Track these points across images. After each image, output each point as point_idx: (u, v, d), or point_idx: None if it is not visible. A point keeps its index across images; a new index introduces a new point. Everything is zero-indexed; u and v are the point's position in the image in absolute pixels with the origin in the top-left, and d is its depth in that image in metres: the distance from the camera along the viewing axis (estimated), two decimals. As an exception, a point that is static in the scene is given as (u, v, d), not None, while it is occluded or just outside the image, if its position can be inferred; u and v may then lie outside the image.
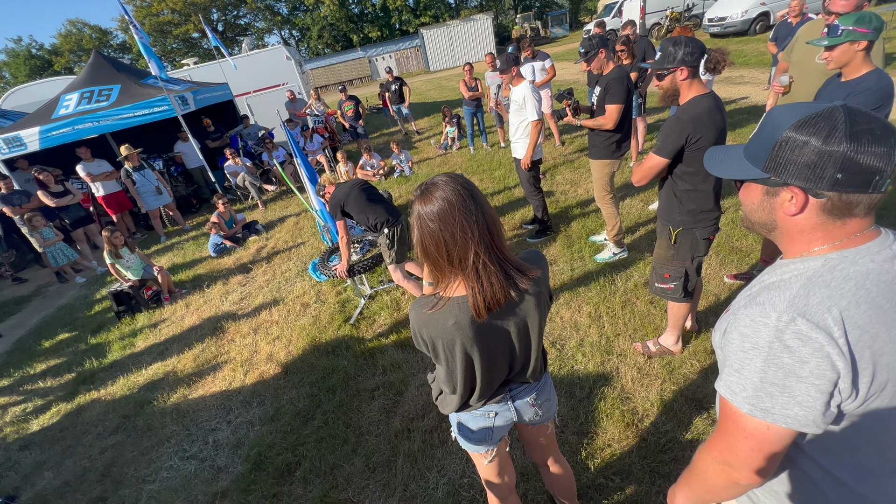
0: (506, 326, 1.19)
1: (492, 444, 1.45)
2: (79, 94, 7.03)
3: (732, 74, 9.54)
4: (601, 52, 3.26)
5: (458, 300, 1.14)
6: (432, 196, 1.08)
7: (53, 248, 5.80)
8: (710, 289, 3.14)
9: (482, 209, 1.09)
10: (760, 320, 0.74)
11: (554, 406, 1.52)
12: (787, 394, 0.71)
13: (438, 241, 1.08)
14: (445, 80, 20.80)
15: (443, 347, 1.19)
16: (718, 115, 2.05)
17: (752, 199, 0.85)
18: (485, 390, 1.29)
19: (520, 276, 1.14)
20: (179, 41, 34.73)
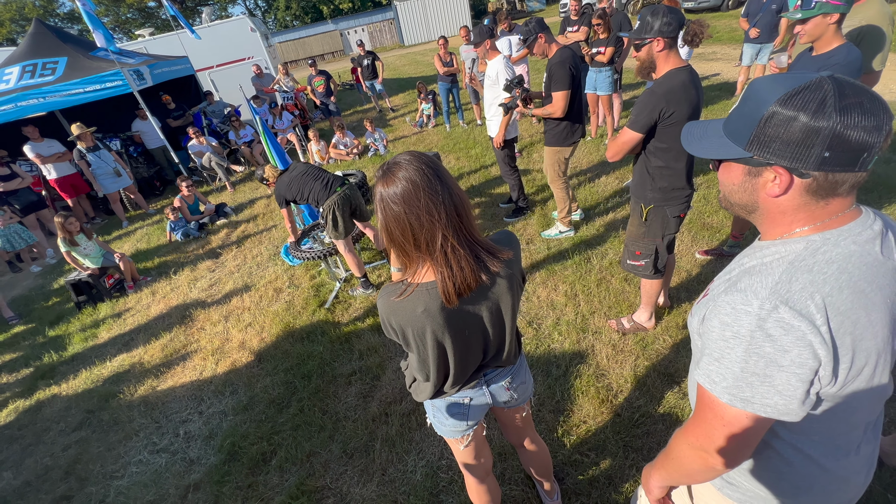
0: (478, 311, 1.15)
1: (467, 429, 1.43)
2: (20, 68, 6.47)
3: (705, 51, 9.60)
4: (540, 36, 3.16)
5: (427, 286, 1.08)
6: (395, 177, 1.01)
7: (8, 230, 5.42)
8: (681, 265, 3.20)
9: (449, 189, 1.02)
10: (742, 308, 0.71)
11: (529, 389, 1.50)
12: (768, 383, 0.69)
13: (403, 224, 1.01)
14: (420, 54, 20.20)
15: (413, 336, 1.14)
16: (693, 90, 2.02)
17: (733, 180, 0.80)
18: (458, 377, 1.26)
19: (491, 259, 1.10)
20: (134, 10, 32.41)
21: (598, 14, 4.96)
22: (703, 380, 0.77)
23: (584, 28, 5.62)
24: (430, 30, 26.74)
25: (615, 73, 5.34)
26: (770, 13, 5.52)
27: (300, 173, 3.39)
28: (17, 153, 6.43)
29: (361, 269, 3.57)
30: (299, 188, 3.34)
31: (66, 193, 6.52)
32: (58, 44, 6.81)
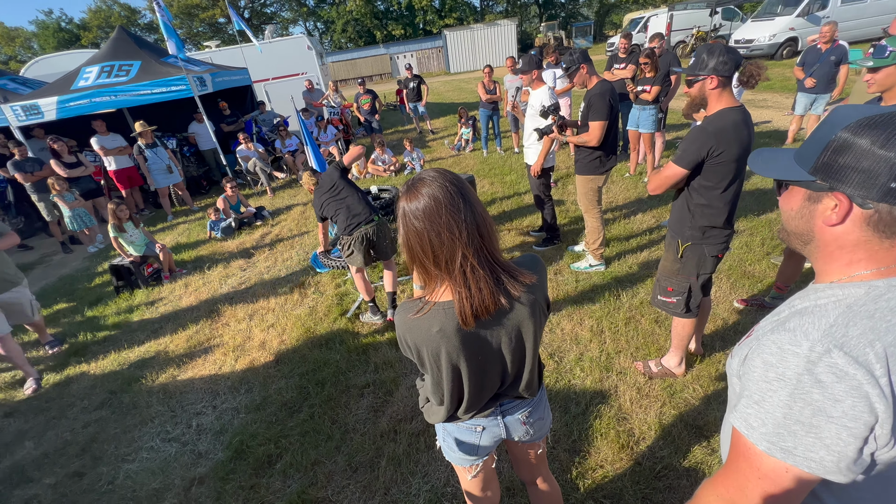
0: (496, 336, 1.10)
1: (477, 458, 1.37)
2: (99, 68, 7.07)
3: (755, 97, 9.39)
4: (583, 67, 3.18)
5: (444, 305, 1.05)
6: (418, 192, 1.00)
7: (73, 212, 5.82)
8: (717, 312, 3.04)
9: (472, 208, 1.00)
10: (789, 348, 0.65)
11: (547, 425, 1.43)
12: (814, 434, 0.62)
13: (423, 241, 1.00)
14: (465, 82, 20.77)
15: (428, 356, 1.11)
16: (745, 130, 1.97)
17: (792, 205, 0.77)
18: (472, 403, 1.21)
19: (512, 282, 1.06)
20: (205, 25, 35.12)
21: (646, 53, 4.97)
22: (739, 423, 0.70)
23: (631, 66, 5.64)
24: (476, 59, 27.55)
25: (659, 112, 5.29)
26: (828, 64, 5.37)
27: (331, 195, 3.29)
28: (84, 144, 6.97)
29: (370, 294, 3.47)
30: (333, 211, 3.30)
31: (121, 184, 6.98)
32: (135, 49, 7.43)
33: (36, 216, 6.86)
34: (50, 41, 35.93)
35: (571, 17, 39.55)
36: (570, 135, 3.41)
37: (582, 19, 39.05)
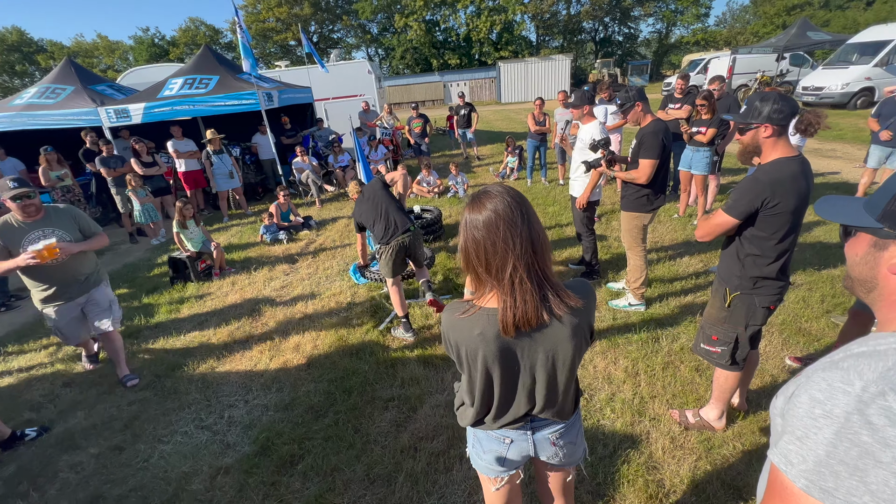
0: (533, 351, 1.14)
1: (503, 471, 1.37)
2: (183, 80, 7.82)
3: (823, 146, 8.93)
4: (638, 104, 3.17)
5: (489, 311, 1.12)
6: (482, 204, 1.08)
7: (143, 206, 6.39)
8: (766, 368, 2.85)
9: (529, 224, 1.07)
10: (840, 386, 0.63)
11: (579, 453, 1.40)
12: (858, 477, 0.59)
13: (479, 248, 1.08)
14: (514, 112, 21.12)
15: (466, 355, 1.17)
16: (804, 181, 1.89)
17: (857, 251, 0.78)
18: (500, 411, 1.24)
19: (557, 301, 1.10)
20: (277, 46, 38.07)
21: (703, 95, 4.89)
22: (778, 459, 0.67)
23: (686, 107, 5.56)
24: (528, 91, 27.98)
25: (715, 155, 5.15)
26: (905, 117, 5.05)
27: (372, 205, 3.44)
28: (161, 146, 7.67)
29: (404, 310, 3.52)
30: (370, 220, 3.46)
31: (188, 185, 7.57)
32: (215, 65, 8.18)
33: (112, 207, 7.56)
34: (143, 54, 40.11)
35: (628, 55, 39.55)
36: (618, 170, 3.40)
37: (639, 58, 38.97)
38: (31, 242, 2.73)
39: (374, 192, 3.50)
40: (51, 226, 2.83)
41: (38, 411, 3.10)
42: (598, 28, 40.09)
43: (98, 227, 3.11)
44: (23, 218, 2.76)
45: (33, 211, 2.77)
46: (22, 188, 2.70)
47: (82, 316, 3.11)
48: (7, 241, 2.74)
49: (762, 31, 34.22)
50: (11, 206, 2.72)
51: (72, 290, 2.99)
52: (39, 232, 2.79)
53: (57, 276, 2.89)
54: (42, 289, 2.91)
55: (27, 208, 2.74)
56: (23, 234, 2.75)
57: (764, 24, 34.67)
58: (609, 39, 40.42)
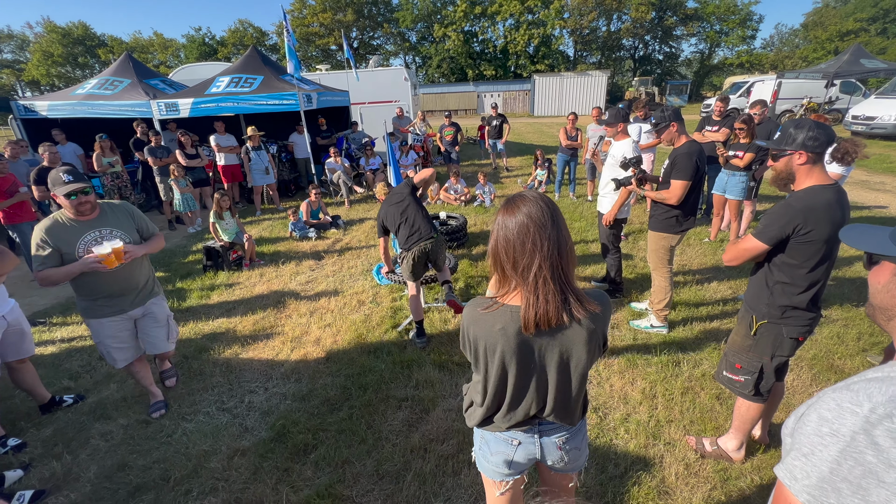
0: (550, 352, 1.19)
1: (509, 474, 1.39)
2: (230, 78, 8.22)
3: (872, 179, 8.52)
4: (673, 125, 3.13)
5: (511, 308, 1.17)
6: (517, 207, 1.15)
7: (183, 196, 6.73)
8: (792, 402, 2.75)
9: (558, 230, 1.13)
10: (849, 406, 0.65)
11: (583, 458, 1.42)
12: (861, 496, 0.60)
13: (509, 247, 1.14)
14: (546, 126, 21.07)
15: (483, 350, 1.22)
16: (839, 210, 1.84)
17: (879, 279, 0.80)
18: (510, 410, 1.28)
19: (577, 304, 1.15)
20: (319, 50, 39.38)
21: (742, 119, 4.78)
22: (783, 474, 0.69)
23: (724, 130, 5.45)
24: (562, 105, 27.90)
25: (751, 181, 5.02)
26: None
27: (397, 208, 3.46)
28: (204, 140, 8.06)
29: (419, 315, 3.53)
30: (394, 224, 3.47)
31: (226, 178, 7.91)
32: (260, 65, 8.56)
33: (154, 195, 7.98)
34: (194, 52, 42.23)
35: (668, 74, 38.90)
36: (648, 189, 3.37)
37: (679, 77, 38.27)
38: (89, 245, 2.39)
39: (402, 197, 3.51)
40: (107, 225, 2.48)
41: (76, 380, 3.30)
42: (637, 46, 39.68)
43: (154, 226, 2.77)
44: (75, 216, 2.39)
45: (88, 209, 2.40)
46: (77, 182, 2.31)
47: (134, 332, 2.72)
48: (59, 244, 2.34)
49: (812, 55, 33.08)
50: (64, 203, 2.34)
51: (127, 301, 2.60)
52: (96, 233, 2.43)
53: (112, 284, 2.50)
54: (91, 299, 2.51)
55: (82, 206, 2.37)
56: (77, 236, 2.38)
57: (814, 48, 33.53)
58: (648, 58, 39.92)
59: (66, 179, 2.32)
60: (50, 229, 2.35)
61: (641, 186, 3.38)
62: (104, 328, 2.58)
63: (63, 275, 2.32)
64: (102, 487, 2.34)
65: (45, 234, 2.33)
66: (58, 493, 2.31)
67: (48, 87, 40.03)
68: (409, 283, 3.54)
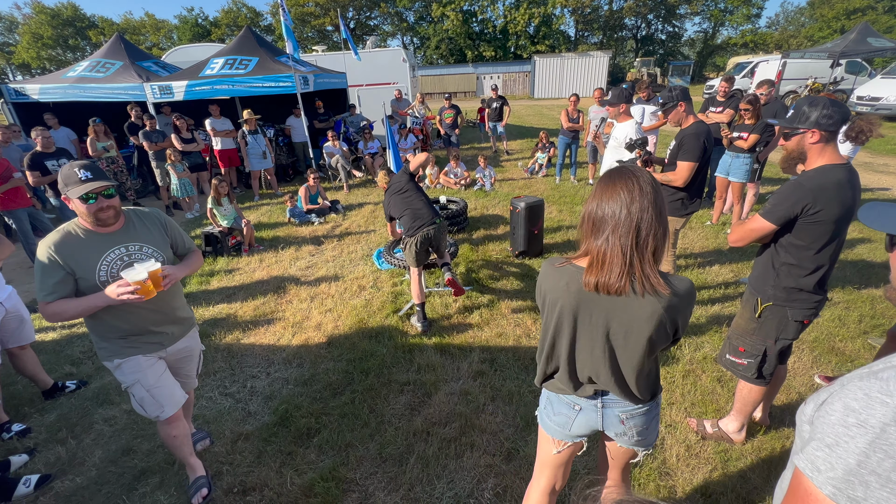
0: (607, 320, 1.23)
1: (567, 436, 1.46)
2: (224, 60, 8.03)
3: (875, 161, 8.44)
4: (681, 104, 3.06)
5: (579, 268, 1.25)
6: (615, 178, 1.19)
7: (180, 181, 6.65)
8: (793, 384, 2.76)
9: (648, 209, 1.15)
10: (878, 396, 0.61)
11: (651, 437, 1.44)
12: (890, 489, 0.57)
13: (595, 213, 1.20)
14: (547, 108, 20.78)
15: (549, 303, 1.32)
16: (850, 190, 1.80)
17: None
18: (567, 371, 1.35)
19: (645, 281, 1.16)
20: (315, 31, 38.53)
21: (748, 99, 4.69)
22: (804, 465, 0.66)
23: (729, 111, 5.36)
24: (562, 87, 27.45)
25: (755, 163, 4.95)
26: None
27: (401, 197, 3.53)
28: (199, 124, 7.92)
29: (420, 298, 3.52)
30: (398, 212, 3.54)
31: (223, 163, 7.80)
32: (255, 46, 8.36)
33: (151, 180, 7.89)
34: (187, 34, 41.29)
35: (670, 54, 38.20)
36: (653, 171, 3.31)
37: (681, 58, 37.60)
38: (117, 267, 1.79)
39: (402, 185, 3.59)
40: (136, 239, 1.87)
41: (78, 366, 3.30)
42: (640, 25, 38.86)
43: (190, 240, 2.16)
44: (94, 227, 1.78)
45: (111, 217, 1.79)
46: (98, 181, 1.72)
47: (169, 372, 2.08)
48: (74, 265, 1.72)
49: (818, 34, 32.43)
50: (79, 208, 1.73)
51: (167, 337, 2.01)
52: (121, 250, 1.82)
53: (147, 318, 1.91)
54: (119, 337, 1.89)
55: (103, 213, 1.75)
56: (97, 254, 1.77)
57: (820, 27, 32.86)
58: (651, 37, 39.14)
59: (82, 176, 1.69)
60: (60, 245, 1.72)
61: (647, 168, 3.32)
62: (141, 366, 1.92)
63: (80, 309, 1.72)
64: (108, 471, 2.35)
65: (53, 251, 1.70)
66: (63, 477, 2.33)
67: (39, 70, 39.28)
68: (412, 268, 3.53)
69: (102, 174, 1.76)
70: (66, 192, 1.72)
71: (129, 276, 1.68)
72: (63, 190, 1.72)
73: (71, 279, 1.74)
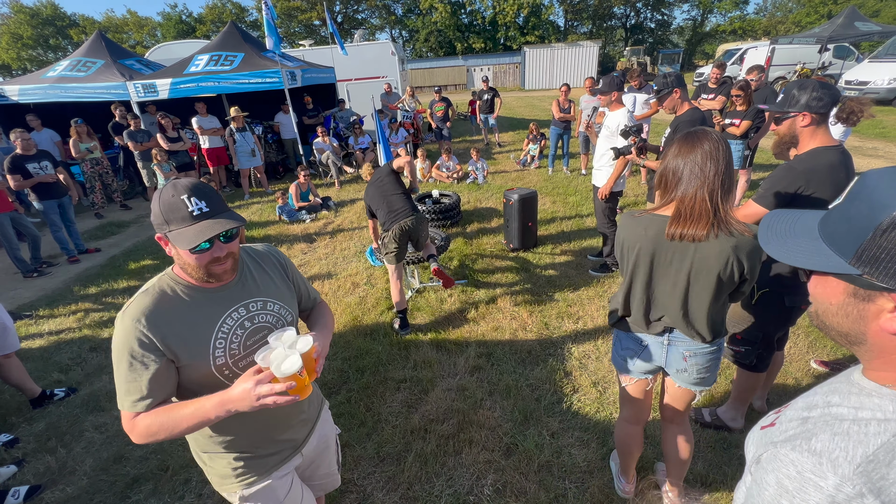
0: (682, 260, 1.38)
1: (633, 372, 1.63)
2: (209, 56, 7.87)
3: (865, 144, 8.49)
4: (676, 91, 3.02)
5: (659, 217, 1.41)
6: (697, 139, 1.33)
7: (167, 181, 6.52)
8: (790, 370, 2.76)
9: (727, 167, 1.31)
10: (811, 478, 0.54)
11: (710, 379, 1.57)
12: None
13: (679, 170, 1.34)
14: (538, 99, 20.69)
15: (627, 249, 1.48)
16: (843, 172, 1.78)
17: (830, 298, 0.61)
18: (642, 305, 1.50)
19: (724, 223, 1.31)
20: (302, 26, 37.99)
21: (739, 85, 4.67)
22: None
23: (721, 97, 5.34)
24: (553, 78, 27.34)
25: (747, 149, 4.95)
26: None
27: (378, 189, 3.37)
28: (186, 122, 7.78)
29: (401, 305, 3.40)
30: (375, 205, 3.37)
31: (211, 161, 7.68)
32: (240, 42, 8.20)
33: (138, 181, 7.76)
34: (171, 31, 40.51)
35: (660, 43, 38.17)
36: (647, 159, 3.28)
37: (671, 46, 37.59)
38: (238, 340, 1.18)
39: (380, 177, 3.43)
40: (256, 293, 1.24)
41: (67, 373, 3.23)
42: (629, 14, 38.74)
43: (314, 289, 1.52)
44: (201, 282, 1.15)
45: (229, 270, 1.16)
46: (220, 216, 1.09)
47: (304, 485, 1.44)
48: (178, 347, 1.10)
49: (805, 20, 32.54)
50: (186, 259, 1.10)
51: (300, 431, 1.37)
52: (241, 312, 1.20)
53: (279, 415, 1.28)
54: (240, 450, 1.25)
55: (219, 266, 1.12)
56: (211, 323, 1.15)
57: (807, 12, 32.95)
58: (640, 26, 39.05)
59: (193, 209, 1.05)
60: (155, 317, 1.08)
61: (642, 156, 3.29)
62: (277, 496, 1.30)
63: (191, 425, 1.06)
64: (99, 480, 2.31)
65: (145, 328, 1.06)
66: (54, 488, 2.28)
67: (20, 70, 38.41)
68: (389, 266, 3.38)
69: (222, 204, 1.11)
70: (164, 231, 1.07)
71: (273, 365, 1.00)
72: (160, 226, 1.07)
73: (172, 371, 1.10)
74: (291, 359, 1.02)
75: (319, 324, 1.43)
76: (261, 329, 1.23)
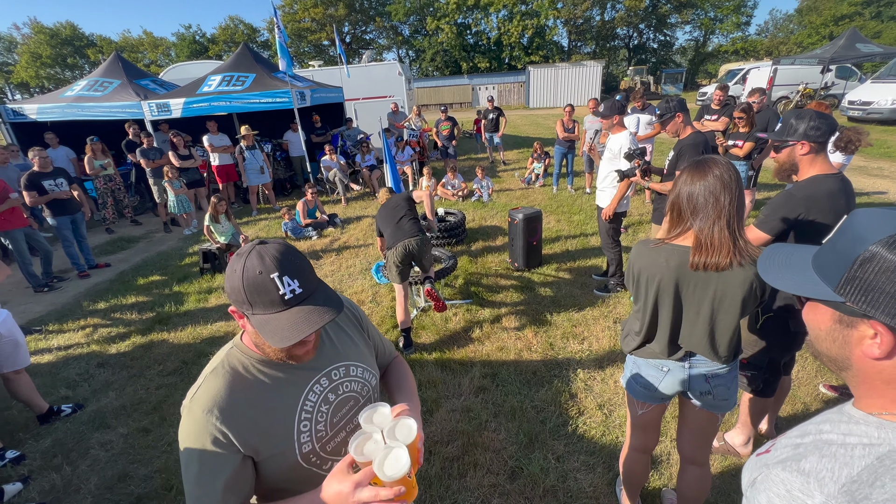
0: (704, 289, 1.40)
1: (653, 398, 1.62)
2: (221, 77, 8.10)
3: (870, 165, 8.50)
4: (678, 115, 3.09)
5: (678, 247, 1.42)
6: (708, 168, 1.35)
7: (177, 197, 6.66)
8: (798, 394, 2.73)
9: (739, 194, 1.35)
10: (799, 496, 0.57)
11: (731, 400, 1.57)
12: None
13: (693, 198, 1.36)
14: (542, 118, 20.95)
15: (645, 281, 1.48)
16: (843, 199, 1.80)
17: (819, 324, 0.66)
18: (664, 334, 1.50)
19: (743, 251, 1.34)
20: (311, 46, 38.97)
21: (742, 107, 4.74)
22: None
23: (724, 119, 5.40)
24: (557, 97, 27.71)
25: (751, 170, 4.98)
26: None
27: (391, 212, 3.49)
28: (197, 140, 7.96)
29: (406, 324, 3.42)
30: (385, 225, 3.49)
31: (220, 178, 7.83)
32: (252, 63, 8.44)
33: (149, 197, 7.90)
34: (184, 50, 41.69)
35: (662, 63, 38.69)
36: (651, 182, 3.33)
37: (673, 66, 38.08)
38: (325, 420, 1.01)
39: (398, 202, 3.55)
40: (336, 357, 1.06)
41: (74, 389, 3.26)
42: (632, 34, 39.40)
43: (388, 340, 1.36)
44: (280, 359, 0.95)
45: (311, 351, 0.95)
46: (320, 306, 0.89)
47: None
48: (259, 440, 0.91)
49: (807, 41, 32.91)
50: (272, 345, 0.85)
51: None
52: (323, 383, 1.02)
53: None
54: None
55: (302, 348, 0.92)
56: (293, 403, 0.97)
57: (809, 34, 33.35)
58: (643, 46, 39.66)
59: (286, 292, 0.86)
60: (231, 409, 0.90)
61: (646, 178, 3.33)
62: None
63: None
64: (104, 499, 2.31)
65: (219, 422, 0.89)
66: (58, 506, 2.28)
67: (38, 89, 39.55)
68: (396, 286, 3.43)
69: (312, 277, 0.93)
70: (245, 311, 0.88)
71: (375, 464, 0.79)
72: (240, 304, 0.87)
73: (249, 468, 0.92)
74: (398, 456, 0.79)
75: (404, 390, 1.17)
76: (347, 401, 1.02)
